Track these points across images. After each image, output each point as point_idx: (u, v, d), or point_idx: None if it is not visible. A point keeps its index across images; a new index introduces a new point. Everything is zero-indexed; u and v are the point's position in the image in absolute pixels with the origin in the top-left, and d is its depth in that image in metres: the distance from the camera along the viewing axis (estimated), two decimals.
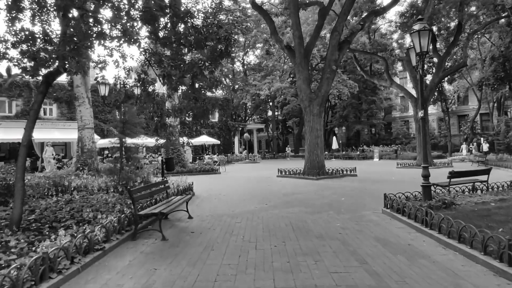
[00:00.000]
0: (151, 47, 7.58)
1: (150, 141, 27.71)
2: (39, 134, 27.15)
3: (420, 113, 7.28)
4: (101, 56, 6.87)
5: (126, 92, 7.62)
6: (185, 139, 10.20)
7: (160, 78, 7.12)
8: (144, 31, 7.04)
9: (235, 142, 44.53)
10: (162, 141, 9.02)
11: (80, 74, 16.90)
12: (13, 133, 26.31)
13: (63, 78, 29.04)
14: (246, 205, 8.98)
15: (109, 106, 27.20)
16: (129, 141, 10.06)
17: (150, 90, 7.83)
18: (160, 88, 8.24)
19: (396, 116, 52.65)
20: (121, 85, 7.55)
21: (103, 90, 14.12)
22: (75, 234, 4.75)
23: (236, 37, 7.24)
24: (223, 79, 46.20)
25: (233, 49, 7.59)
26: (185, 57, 7.39)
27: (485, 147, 34.25)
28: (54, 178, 10.72)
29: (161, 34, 6.70)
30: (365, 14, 20.89)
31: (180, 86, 7.64)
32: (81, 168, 16.64)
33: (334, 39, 16.83)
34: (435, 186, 8.94)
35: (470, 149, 35.80)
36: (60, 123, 29.44)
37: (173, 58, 6.73)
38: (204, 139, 34.87)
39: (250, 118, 55.95)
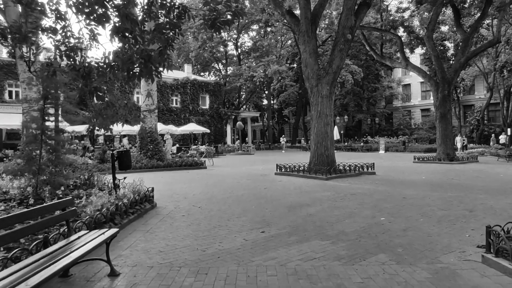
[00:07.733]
0: None
1: (131, 128, 23.90)
2: None
3: None
4: None
5: None
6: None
7: None
8: None
9: (228, 131, 40.78)
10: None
11: None
12: None
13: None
14: (229, 232, 5.42)
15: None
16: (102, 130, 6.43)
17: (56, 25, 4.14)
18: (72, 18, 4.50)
19: (398, 105, 49.17)
20: None
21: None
22: None
23: None
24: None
25: None
26: None
27: (503, 139, 31.15)
28: None
29: None
30: None
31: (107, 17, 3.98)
32: None
33: (351, 0, 13.15)
34: None
35: (463, 141, 32.88)
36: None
37: None
38: (192, 127, 31.13)
39: (245, 106, 52.13)
